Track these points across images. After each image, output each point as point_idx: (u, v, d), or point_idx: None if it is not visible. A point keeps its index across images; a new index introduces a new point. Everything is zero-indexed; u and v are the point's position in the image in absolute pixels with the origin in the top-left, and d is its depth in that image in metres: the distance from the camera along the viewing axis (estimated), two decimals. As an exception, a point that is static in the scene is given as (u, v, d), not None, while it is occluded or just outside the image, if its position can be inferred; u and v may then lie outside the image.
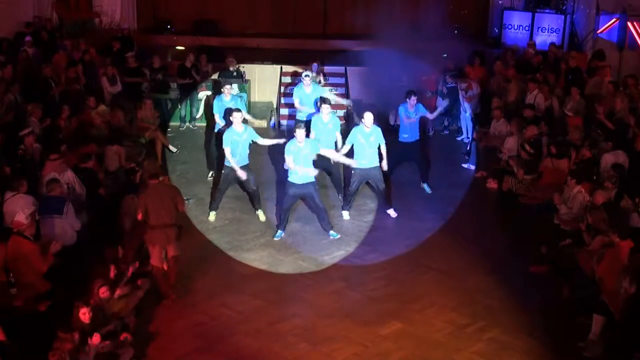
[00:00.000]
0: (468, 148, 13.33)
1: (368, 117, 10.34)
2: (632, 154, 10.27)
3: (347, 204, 10.84)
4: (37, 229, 8.35)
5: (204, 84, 15.16)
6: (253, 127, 10.71)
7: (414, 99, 11.23)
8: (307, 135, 10.13)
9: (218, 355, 7.49)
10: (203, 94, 15.22)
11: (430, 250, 9.89)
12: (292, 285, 8.93)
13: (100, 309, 7.17)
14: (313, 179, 9.91)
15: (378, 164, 10.51)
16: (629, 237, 7.97)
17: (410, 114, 11.28)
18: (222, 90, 11.78)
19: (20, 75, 13.24)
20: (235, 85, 15.11)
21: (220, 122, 11.45)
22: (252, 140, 10.40)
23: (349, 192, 10.73)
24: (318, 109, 11.02)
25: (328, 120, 10.79)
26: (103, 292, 7.27)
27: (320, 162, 10.40)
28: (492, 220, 10.94)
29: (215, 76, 15.46)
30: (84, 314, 6.81)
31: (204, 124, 15.21)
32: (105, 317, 7.18)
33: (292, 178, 9.89)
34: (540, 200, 10.44)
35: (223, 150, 10.28)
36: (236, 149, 10.25)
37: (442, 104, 13.16)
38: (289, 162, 9.77)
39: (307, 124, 10.82)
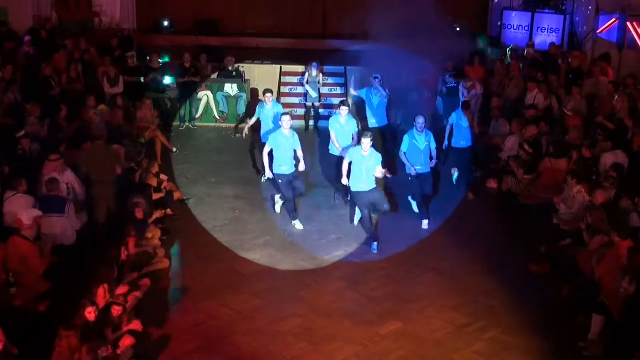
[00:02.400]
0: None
1: (420, 120, 10.35)
2: (632, 153, 10.27)
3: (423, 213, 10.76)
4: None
5: (204, 84, 15.18)
6: None
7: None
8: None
9: (217, 354, 7.48)
10: (203, 94, 15.24)
11: (430, 250, 9.90)
12: (292, 285, 8.92)
13: (105, 317, 7.16)
14: (375, 185, 9.78)
15: (429, 170, 10.57)
16: (630, 237, 7.98)
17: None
18: (263, 98, 11.77)
19: (20, 75, 13.23)
20: (234, 85, 15.17)
21: (264, 125, 11.55)
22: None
23: (415, 197, 10.72)
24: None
25: (345, 122, 10.81)
26: (116, 310, 7.23)
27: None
28: (491, 220, 10.94)
29: (214, 76, 15.49)
30: (90, 313, 6.76)
31: (204, 124, 15.25)
32: (112, 325, 7.18)
33: (359, 188, 9.75)
34: (539, 200, 10.45)
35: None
36: (284, 153, 10.21)
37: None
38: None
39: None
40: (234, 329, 7.93)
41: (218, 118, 15.40)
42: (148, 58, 15.08)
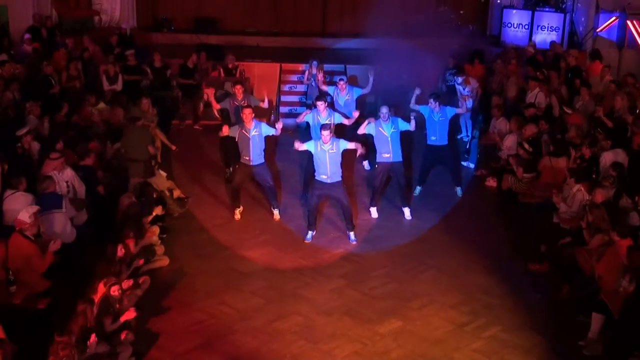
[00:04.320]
0: (467, 146, 13.33)
1: (383, 110, 10.33)
2: (631, 152, 10.27)
3: (373, 201, 10.87)
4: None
5: (204, 82, 15.14)
6: None
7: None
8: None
9: (217, 353, 7.49)
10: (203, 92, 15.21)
11: (430, 248, 9.90)
12: (292, 283, 8.92)
13: (107, 304, 7.16)
14: (340, 179, 9.79)
15: (401, 159, 10.53)
16: (629, 235, 7.98)
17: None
18: (233, 90, 11.74)
19: (22, 73, 13.22)
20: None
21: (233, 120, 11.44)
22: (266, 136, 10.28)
23: (375, 188, 10.73)
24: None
25: (326, 116, 10.79)
26: (114, 290, 7.24)
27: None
28: (491, 219, 10.94)
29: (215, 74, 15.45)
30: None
31: (204, 122, 15.20)
32: (113, 312, 7.18)
33: (320, 177, 9.76)
34: (539, 199, 10.43)
35: (238, 148, 10.32)
36: (246, 145, 10.19)
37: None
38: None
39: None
40: (234, 327, 7.93)
41: (218, 116, 15.35)
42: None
